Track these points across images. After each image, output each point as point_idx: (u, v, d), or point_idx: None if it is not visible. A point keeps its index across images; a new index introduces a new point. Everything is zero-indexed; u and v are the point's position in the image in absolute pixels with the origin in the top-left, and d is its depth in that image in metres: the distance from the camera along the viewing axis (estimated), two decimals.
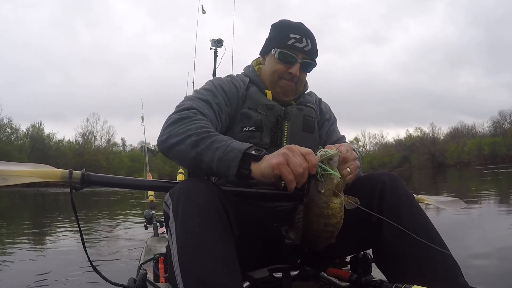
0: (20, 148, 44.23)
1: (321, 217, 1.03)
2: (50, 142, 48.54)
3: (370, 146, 74.60)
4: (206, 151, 1.09)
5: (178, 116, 1.19)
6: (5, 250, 4.43)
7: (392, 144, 70.52)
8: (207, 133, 1.12)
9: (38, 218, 8.70)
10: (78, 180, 1.15)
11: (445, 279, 1.04)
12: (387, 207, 1.14)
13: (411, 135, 67.82)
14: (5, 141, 43.88)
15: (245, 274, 1.21)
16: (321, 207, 1.02)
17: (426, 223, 1.13)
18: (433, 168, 53.31)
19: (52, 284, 2.94)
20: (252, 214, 1.25)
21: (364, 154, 71.55)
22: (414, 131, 68.20)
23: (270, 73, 1.43)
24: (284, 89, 1.43)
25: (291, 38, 1.38)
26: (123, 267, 3.38)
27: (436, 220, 5.38)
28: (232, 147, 1.06)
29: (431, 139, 64.02)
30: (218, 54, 4.19)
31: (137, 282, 1.48)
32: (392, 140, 71.62)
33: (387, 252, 1.14)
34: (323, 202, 1.01)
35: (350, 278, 1.27)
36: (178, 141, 1.14)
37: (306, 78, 1.49)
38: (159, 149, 1.22)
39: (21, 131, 46.97)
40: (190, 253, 0.94)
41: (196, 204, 1.00)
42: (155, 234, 3.01)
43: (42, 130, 48.76)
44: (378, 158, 67.80)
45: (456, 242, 3.67)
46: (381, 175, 1.21)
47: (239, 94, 1.41)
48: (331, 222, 1.02)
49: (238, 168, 1.04)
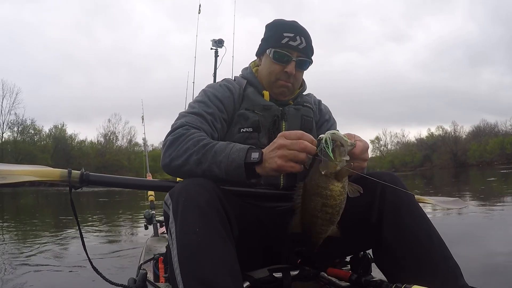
0: (43, 149, 44.66)
1: (319, 196, 1.01)
2: (72, 143, 49.05)
3: (391, 145, 72.99)
4: (212, 166, 1.12)
5: (173, 137, 1.21)
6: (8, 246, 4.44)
7: (413, 143, 68.63)
8: (205, 146, 1.15)
9: (46, 218, 8.70)
10: (77, 179, 1.16)
11: (445, 279, 1.04)
12: (388, 207, 1.14)
13: (433, 134, 65.87)
14: (29, 141, 44.46)
15: (245, 274, 1.21)
16: (320, 187, 1.01)
17: (426, 223, 1.13)
18: (455, 167, 51.64)
19: (51, 284, 2.94)
20: (252, 214, 1.25)
21: (385, 153, 70.84)
22: (436, 129, 66.25)
23: (267, 74, 1.43)
24: (281, 90, 1.43)
25: (285, 37, 1.38)
26: (123, 267, 3.38)
27: (461, 220, 5.40)
28: (233, 157, 1.09)
29: (453, 138, 62.08)
30: (218, 54, 4.20)
31: (137, 282, 1.49)
32: (414, 139, 69.92)
33: (387, 252, 1.14)
34: (323, 181, 1.00)
35: (350, 278, 1.28)
36: (182, 162, 1.17)
37: (302, 77, 1.49)
38: (165, 171, 1.25)
39: (44, 132, 47.58)
40: (190, 253, 0.94)
41: (196, 204, 1.00)
42: (155, 234, 3.01)
43: (65, 131, 49.32)
44: (400, 158, 66.39)
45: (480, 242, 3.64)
46: (382, 175, 1.21)
47: (234, 97, 1.42)
48: (329, 203, 1.01)
49: (247, 177, 1.09)
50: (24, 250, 4.36)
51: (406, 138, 71.75)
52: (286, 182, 1.36)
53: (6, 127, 43.51)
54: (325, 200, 1.01)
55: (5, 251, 4.32)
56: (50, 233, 5.81)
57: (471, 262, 2.92)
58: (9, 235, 5.76)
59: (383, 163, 67.70)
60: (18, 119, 44.11)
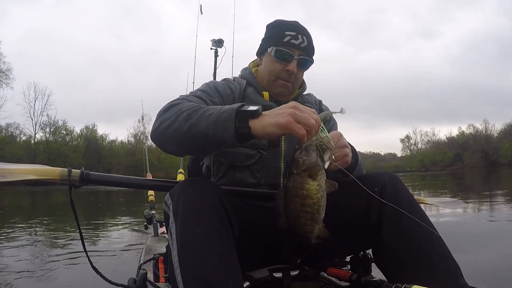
0: (75, 149, 45.51)
1: (296, 197, 1.05)
2: (103, 143, 49.68)
3: (421, 144, 71.32)
4: (200, 120, 1.03)
5: (168, 104, 1.16)
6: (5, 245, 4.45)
7: (444, 141, 67.23)
8: (198, 106, 1.08)
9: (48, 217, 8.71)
10: (77, 178, 1.17)
11: (444, 279, 1.04)
12: (388, 207, 1.14)
13: (464, 132, 64.07)
14: (61, 142, 45.40)
15: (245, 274, 1.21)
16: (296, 188, 1.04)
17: (426, 223, 1.13)
18: (486, 166, 50.13)
19: (50, 283, 2.94)
20: (252, 214, 1.25)
21: (415, 152, 69.60)
22: (467, 128, 64.53)
23: (267, 73, 1.43)
24: (281, 90, 1.43)
25: (287, 36, 1.37)
26: (123, 267, 3.38)
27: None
28: (225, 109, 1.01)
29: (484, 136, 60.18)
30: (218, 54, 4.19)
31: (137, 282, 1.49)
32: (444, 138, 68.44)
33: (387, 252, 1.14)
34: (298, 182, 1.03)
35: (350, 278, 1.27)
36: (171, 122, 1.08)
37: (302, 76, 1.48)
38: (152, 139, 1.15)
39: (75, 132, 48.36)
40: (190, 253, 0.94)
41: (196, 204, 1.00)
42: (155, 234, 3.01)
43: (96, 131, 49.93)
44: (430, 157, 64.75)
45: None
46: (381, 175, 1.21)
47: (234, 96, 1.41)
48: (307, 202, 1.04)
49: (235, 127, 0.97)
50: (24, 249, 4.37)
51: (437, 136, 70.62)
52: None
53: (38, 128, 44.59)
54: (303, 200, 1.04)
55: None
56: (56, 230, 5.82)
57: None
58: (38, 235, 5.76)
59: (413, 162, 66.85)
60: (50, 120, 45.27)
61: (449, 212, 5.93)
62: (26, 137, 45.07)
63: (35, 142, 44.25)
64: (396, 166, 71.07)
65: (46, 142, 44.22)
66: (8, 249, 4.42)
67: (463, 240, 3.90)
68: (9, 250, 4.32)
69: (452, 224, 5.27)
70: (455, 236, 3.72)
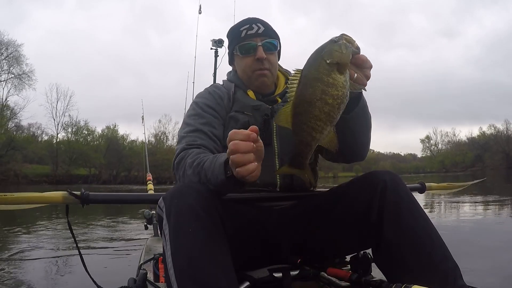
0: (96, 148, 46.29)
1: (319, 82, 0.92)
2: (124, 143, 50.38)
3: (442, 145, 70.63)
4: (208, 185, 1.12)
5: (176, 161, 1.29)
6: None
7: (465, 142, 66.42)
8: (198, 166, 1.16)
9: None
10: (78, 200, 1.27)
11: (444, 280, 1.04)
12: (388, 206, 1.14)
13: (485, 133, 63.20)
14: (82, 142, 46.28)
15: (245, 274, 1.21)
16: (322, 73, 0.92)
17: (427, 223, 1.13)
18: (507, 168, 49.07)
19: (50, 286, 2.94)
20: (249, 213, 1.26)
21: (435, 153, 68.89)
22: (488, 128, 63.63)
23: (243, 71, 1.47)
24: (261, 80, 1.45)
25: (242, 31, 1.44)
26: (123, 267, 3.38)
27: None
28: (216, 176, 1.07)
29: (505, 137, 59.15)
30: (218, 54, 4.19)
31: (137, 282, 1.49)
32: (465, 138, 67.85)
33: (387, 252, 1.14)
34: (325, 69, 0.92)
35: (350, 278, 1.27)
36: (188, 177, 1.21)
37: (277, 60, 1.50)
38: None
39: (96, 132, 49.15)
40: (183, 253, 0.96)
41: (188, 205, 1.01)
42: (155, 234, 3.01)
43: (117, 131, 50.64)
44: (450, 158, 64.06)
45: None
46: (382, 174, 1.21)
47: (224, 102, 1.44)
48: (330, 92, 0.92)
49: (234, 188, 1.08)
50: (24, 249, 4.37)
51: (457, 137, 70.05)
52: (283, 182, 1.37)
53: (60, 128, 45.66)
54: (326, 87, 0.92)
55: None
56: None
57: None
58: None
59: (433, 163, 66.00)
60: (72, 121, 46.30)
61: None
62: (48, 137, 46.17)
63: (57, 141, 45.51)
64: (416, 167, 70.34)
65: (68, 142, 45.16)
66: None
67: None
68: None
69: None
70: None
